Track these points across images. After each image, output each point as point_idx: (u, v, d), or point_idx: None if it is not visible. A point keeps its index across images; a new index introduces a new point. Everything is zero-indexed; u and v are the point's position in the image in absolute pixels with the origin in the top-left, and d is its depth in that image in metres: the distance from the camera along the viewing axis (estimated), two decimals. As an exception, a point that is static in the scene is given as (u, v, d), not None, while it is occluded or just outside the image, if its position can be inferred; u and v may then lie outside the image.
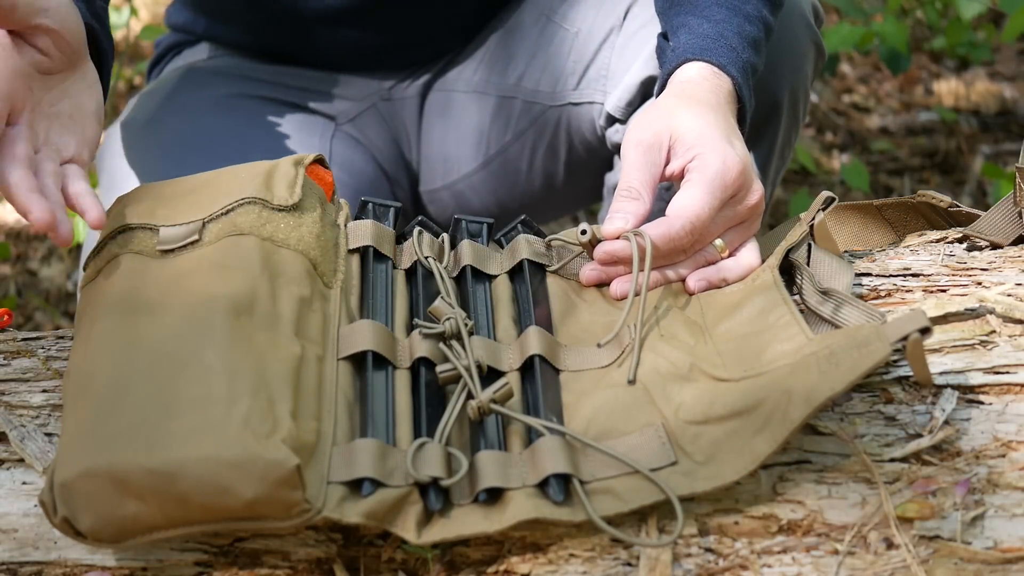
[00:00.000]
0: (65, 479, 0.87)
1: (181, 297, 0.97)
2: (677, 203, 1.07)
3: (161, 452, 0.86)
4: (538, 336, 1.02)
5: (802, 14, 1.42)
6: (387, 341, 1.01)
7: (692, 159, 1.08)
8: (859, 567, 0.87)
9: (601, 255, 1.08)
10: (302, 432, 0.90)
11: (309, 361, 0.97)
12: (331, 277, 1.05)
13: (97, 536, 0.87)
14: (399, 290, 1.08)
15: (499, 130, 1.52)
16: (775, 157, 1.48)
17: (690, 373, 0.97)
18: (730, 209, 1.09)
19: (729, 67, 1.16)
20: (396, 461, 0.91)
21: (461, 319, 1.01)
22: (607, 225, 1.07)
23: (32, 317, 2.26)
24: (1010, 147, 2.65)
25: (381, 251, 1.10)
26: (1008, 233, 1.15)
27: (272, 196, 1.06)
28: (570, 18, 1.48)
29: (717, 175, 1.07)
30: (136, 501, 0.86)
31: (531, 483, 0.90)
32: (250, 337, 0.94)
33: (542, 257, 1.12)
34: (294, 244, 1.04)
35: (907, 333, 0.91)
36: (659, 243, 1.05)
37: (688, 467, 0.91)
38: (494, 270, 1.12)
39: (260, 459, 0.86)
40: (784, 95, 1.42)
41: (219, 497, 0.86)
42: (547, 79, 1.48)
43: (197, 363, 0.91)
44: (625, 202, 1.08)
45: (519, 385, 1.00)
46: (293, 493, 0.86)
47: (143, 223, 1.04)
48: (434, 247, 1.12)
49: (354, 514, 0.88)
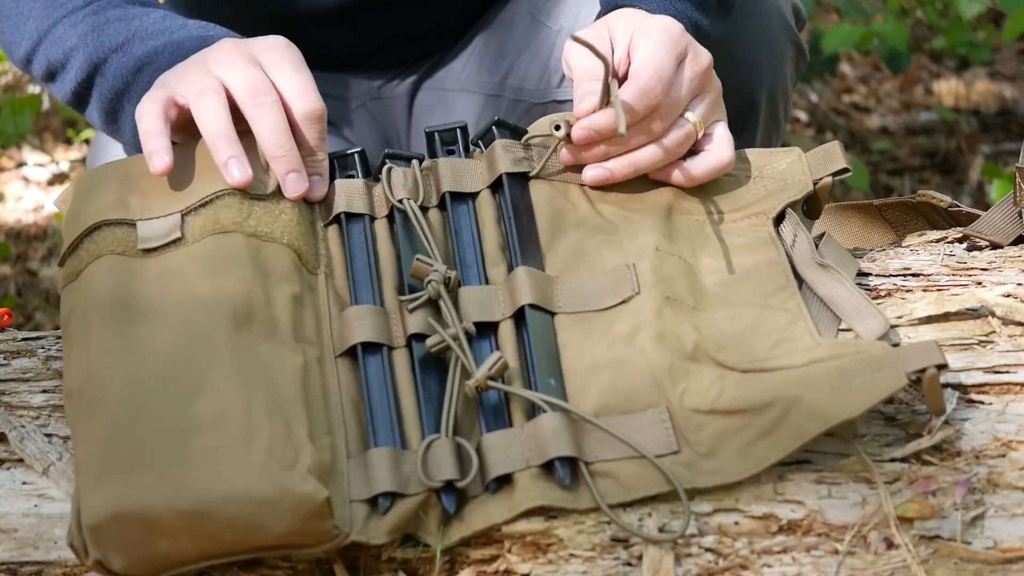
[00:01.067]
0: (95, 522, 0.87)
1: (176, 304, 0.97)
2: (636, 63, 1.06)
3: (190, 491, 0.86)
4: (528, 280, 1.00)
5: (780, 13, 1.41)
6: (380, 323, 1.00)
7: (633, 33, 1.07)
8: (859, 567, 0.87)
9: (580, 133, 1.05)
10: (320, 452, 0.91)
11: (311, 368, 0.96)
12: (315, 264, 1.04)
13: (130, 573, 0.88)
14: (383, 249, 1.05)
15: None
16: None
17: (695, 353, 0.96)
18: (686, 69, 1.07)
19: (659, 12, 1.12)
20: (410, 466, 0.92)
21: (441, 276, 0.99)
22: (578, 106, 1.05)
23: (32, 317, 2.26)
24: (1010, 147, 2.65)
25: (354, 211, 1.07)
26: (1008, 233, 1.15)
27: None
28: (554, 16, 1.48)
29: (662, 31, 1.06)
30: (167, 539, 0.87)
31: (535, 464, 0.91)
32: (255, 352, 0.94)
33: (522, 163, 1.08)
34: (278, 236, 1.02)
35: (924, 367, 0.91)
36: (633, 100, 1.03)
37: (690, 458, 0.91)
38: (474, 186, 1.08)
39: (290, 494, 0.86)
40: (762, 95, 1.41)
41: (251, 533, 0.86)
42: (532, 77, 1.48)
43: (209, 389, 0.91)
44: (588, 83, 1.06)
45: (513, 334, 0.99)
46: (323, 523, 0.87)
47: (118, 218, 1.03)
48: (407, 182, 1.08)
49: (380, 535, 0.89)
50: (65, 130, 2.74)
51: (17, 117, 2.30)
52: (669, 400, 0.94)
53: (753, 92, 1.40)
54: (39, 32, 1.23)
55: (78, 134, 2.67)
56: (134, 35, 1.18)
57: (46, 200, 2.59)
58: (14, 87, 2.79)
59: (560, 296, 1.01)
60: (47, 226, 2.51)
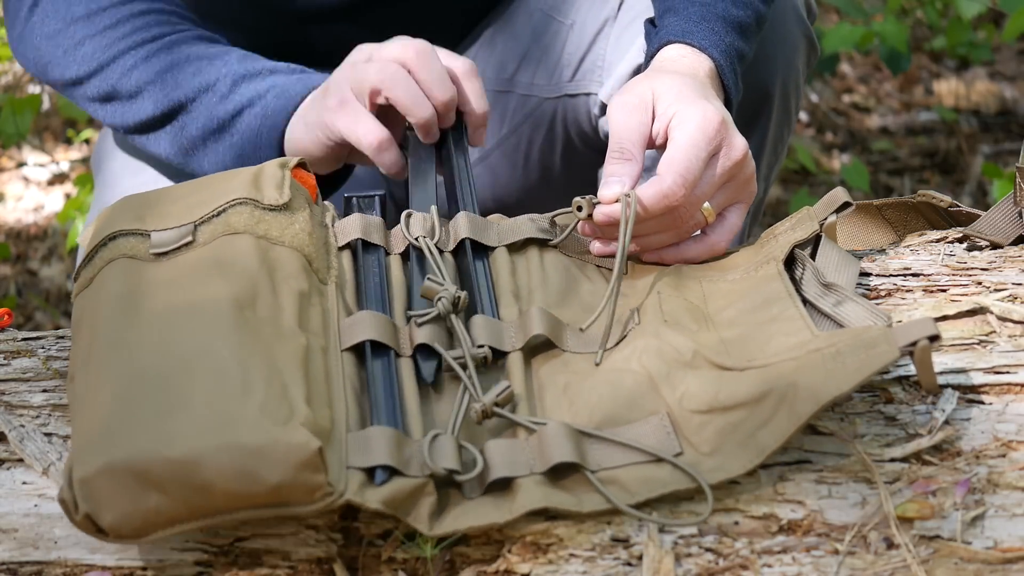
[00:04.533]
0: (85, 475, 0.86)
1: (182, 296, 0.97)
2: (665, 160, 1.08)
3: (182, 442, 0.86)
4: (541, 317, 1.02)
5: (794, 7, 1.42)
6: (388, 329, 1.01)
7: (672, 116, 1.09)
8: (859, 567, 0.87)
9: (601, 217, 1.08)
10: (318, 417, 0.91)
11: (315, 352, 0.97)
12: (325, 274, 1.06)
13: (119, 532, 0.87)
14: (395, 276, 1.08)
15: (495, 124, 1.52)
16: (767, 151, 1.48)
17: (693, 360, 0.97)
18: (717, 165, 1.09)
19: (710, 49, 1.18)
20: (412, 451, 0.92)
21: (451, 295, 1.01)
22: (603, 190, 1.08)
23: (32, 317, 2.26)
24: (1010, 147, 2.65)
25: (370, 241, 1.10)
26: (1008, 233, 1.15)
27: (262, 197, 1.06)
28: (564, 11, 1.48)
29: (698, 128, 1.08)
30: (158, 493, 0.86)
31: (539, 470, 0.91)
32: (257, 329, 0.95)
33: (545, 232, 1.13)
34: (288, 241, 1.04)
35: (916, 339, 0.91)
36: (653, 203, 1.06)
37: (693, 458, 0.92)
38: (492, 241, 1.12)
39: (282, 443, 0.86)
40: (775, 88, 1.42)
41: (243, 484, 0.85)
42: (543, 72, 1.49)
43: (208, 355, 0.92)
44: (618, 164, 1.09)
45: (522, 366, 1.00)
46: (316, 476, 0.86)
47: (133, 228, 1.05)
48: (425, 225, 1.11)
49: (374, 500, 0.88)
50: (65, 130, 2.75)
51: (17, 117, 2.31)
52: (669, 405, 0.94)
53: (767, 85, 1.41)
54: (99, 61, 1.30)
55: (78, 134, 2.67)
56: (223, 76, 1.27)
57: (46, 200, 2.59)
58: (14, 87, 2.79)
59: (569, 339, 1.03)
60: (47, 226, 2.51)
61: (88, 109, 1.35)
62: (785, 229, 1.11)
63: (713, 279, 1.09)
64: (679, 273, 1.10)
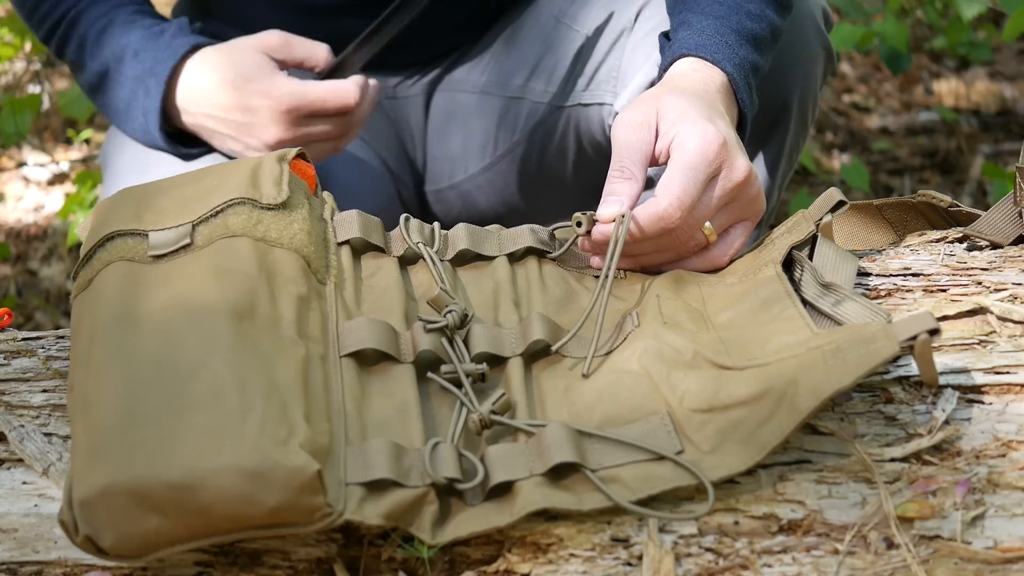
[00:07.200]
0: (85, 497, 0.86)
1: (180, 303, 0.97)
2: (663, 183, 1.08)
3: (180, 465, 0.86)
4: (542, 322, 1.03)
5: (813, 18, 1.42)
6: (388, 335, 1.01)
7: (674, 137, 1.09)
8: (859, 567, 0.87)
9: (599, 236, 1.09)
10: (316, 435, 0.90)
11: (314, 360, 0.97)
12: (324, 274, 1.05)
13: (119, 552, 0.87)
14: (394, 280, 1.08)
15: (507, 131, 1.52)
16: (783, 160, 1.48)
17: (693, 360, 0.97)
18: (716, 187, 1.09)
19: (723, 62, 1.17)
20: (411, 461, 0.92)
21: (461, 310, 1.01)
22: (602, 208, 1.08)
23: (32, 317, 2.26)
24: (1010, 147, 2.65)
25: (370, 241, 1.10)
26: (1008, 233, 1.15)
27: (260, 195, 1.06)
28: (580, 19, 1.48)
29: (697, 150, 1.07)
30: (157, 516, 0.86)
31: (539, 472, 0.91)
32: (255, 342, 0.94)
33: (545, 245, 1.13)
34: (287, 243, 1.04)
35: (916, 333, 0.91)
36: (648, 224, 1.06)
37: (694, 456, 0.92)
38: (492, 251, 1.12)
39: (280, 467, 0.86)
40: (794, 99, 1.42)
41: (241, 507, 0.86)
42: (556, 80, 1.49)
43: (206, 371, 0.91)
44: (618, 183, 1.09)
45: (522, 371, 1.00)
46: (315, 498, 0.86)
47: (131, 229, 1.04)
48: (424, 232, 1.12)
49: (374, 515, 0.88)
50: (65, 130, 2.74)
51: (17, 117, 2.30)
52: (669, 404, 0.95)
53: (785, 97, 1.41)
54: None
55: (78, 134, 2.67)
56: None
57: (46, 200, 2.59)
58: (14, 87, 2.79)
59: (569, 345, 1.03)
60: (47, 226, 2.51)
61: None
62: (781, 233, 1.11)
63: (711, 283, 1.09)
64: (678, 277, 1.10)
